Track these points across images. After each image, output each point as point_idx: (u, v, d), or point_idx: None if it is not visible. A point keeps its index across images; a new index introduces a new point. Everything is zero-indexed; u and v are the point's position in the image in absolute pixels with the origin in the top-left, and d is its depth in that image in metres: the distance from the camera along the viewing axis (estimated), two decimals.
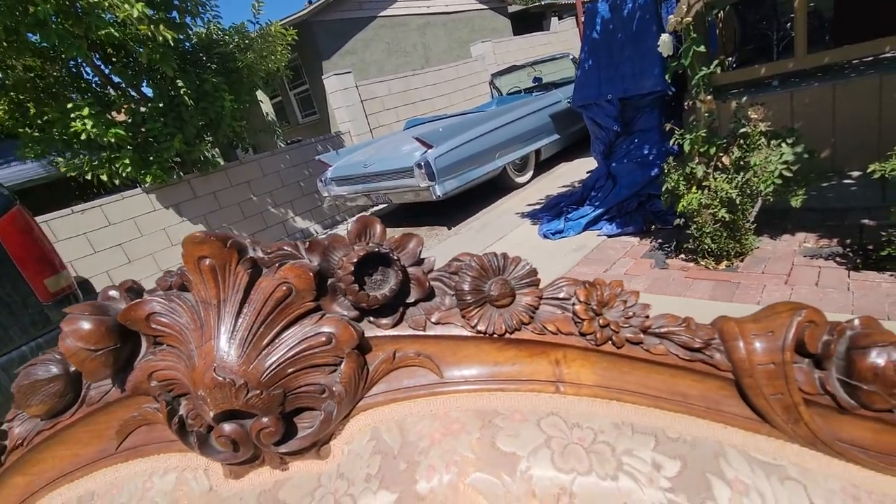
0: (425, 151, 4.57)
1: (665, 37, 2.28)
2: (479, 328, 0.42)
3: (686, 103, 2.60)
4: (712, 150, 2.61)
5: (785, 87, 3.45)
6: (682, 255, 3.05)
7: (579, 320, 0.41)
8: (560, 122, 5.85)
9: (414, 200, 5.04)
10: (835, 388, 0.40)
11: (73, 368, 0.47)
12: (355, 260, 0.40)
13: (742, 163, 2.59)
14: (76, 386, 0.48)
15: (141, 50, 4.17)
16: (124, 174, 4.65)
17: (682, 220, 2.94)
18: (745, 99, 3.38)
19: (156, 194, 5.11)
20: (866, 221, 2.76)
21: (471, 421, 0.41)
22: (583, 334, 0.41)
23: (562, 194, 4.65)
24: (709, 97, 2.52)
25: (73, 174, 4.63)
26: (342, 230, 6.28)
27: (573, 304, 0.41)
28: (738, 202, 2.65)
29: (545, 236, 3.87)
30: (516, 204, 5.04)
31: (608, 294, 0.42)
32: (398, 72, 8.65)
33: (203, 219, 5.40)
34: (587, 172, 4.57)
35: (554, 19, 12.92)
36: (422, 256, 0.44)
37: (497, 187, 5.66)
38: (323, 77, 6.91)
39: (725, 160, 2.66)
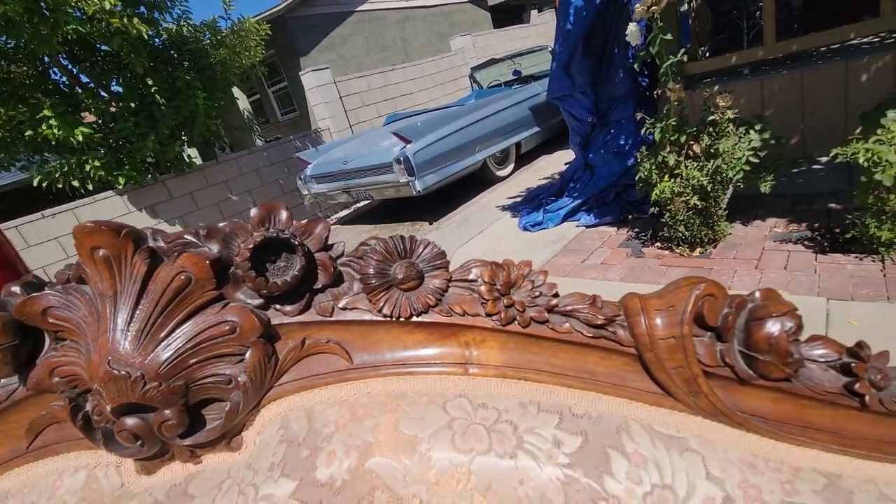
0: (404, 147, 4.55)
1: (632, 26, 2.29)
2: (385, 312, 0.41)
3: (655, 93, 2.62)
4: (683, 139, 2.64)
5: (756, 76, 3.50)
6: (658, 244, 3.09)
7: (484, 301, 0.41)
8: (540, 114, 5.86)
9: (395, 196, 5.02)
10: (735, 360, 0.40)
11: None
12: (252, 246, 0.39)
13: (712, 150, 2.62)
14: None
15: (107, 48, 4.08)
16: (96, 177, 4.54)
17: (657, 208, 2.98)
18: (716, 88, 3.42)
19: (129, 196, 5.01)
20: (833, 205, 2.81)
21: (378, 406, 0.41)
22: (488, 315, 0.41)
23: (541, 186, 4.67)
24: (678, 86, 2.54)
25: (44, 184, 4.50)
26: None
27: (479, 286, 0.41)
28: (709, 189, 2.68)
29: (525, 229, 3.88)
30: (497, 197, 5.05)
31: (515, 275, 0.42)
32: (377, 67, 8.58)
33: (180, 220, 5.31)
34: (565, 164, 4.59)
35: (534, 12, 12.92)
36: (330, 242, 0.44)
37: (478, 181, 5.66)
38: (300, 73, 6.83)
39: (696, 148, 2.69)
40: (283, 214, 0.43)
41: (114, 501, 0.43)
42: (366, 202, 6.35)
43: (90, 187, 4.68)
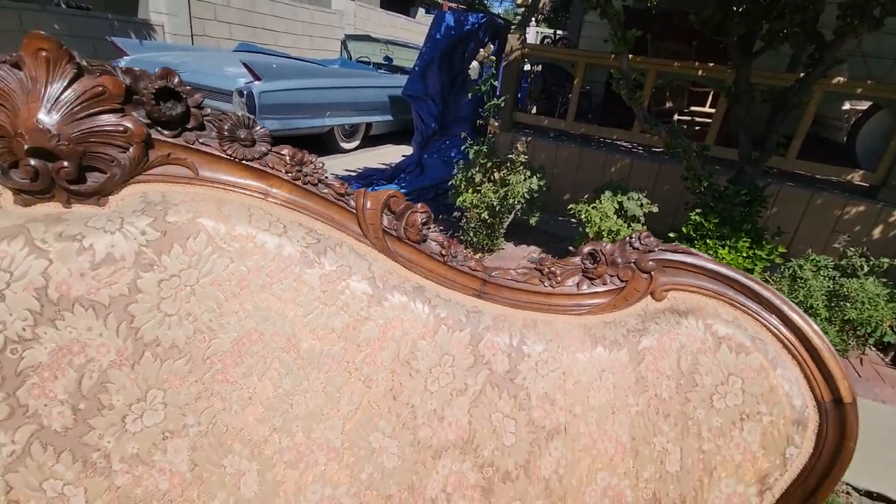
0: (252, 81, 4.47)
1: (475, 64, 2.96)
2: (228, 153, 0.77)
3: (478, 122, 3.36)
4: (489, 164, 3.44)
5: (556, 141, 4.66)
6: None
7: (285, 165, 0.80)
8: (397, 105, 6.37)
9: None
10: (399, 229, 0.89)
11: None
12: (159, 86, 0.70)
13: (506, 181, 3.48)
14: None
15: None
16: None
17: (460, 213, 3.74)
18: (528, 138, 4.45)
19: None
20: (570, 248, 3.99)
21: (207, 198, 0.76)
22: (287, 172, 0.80)
23: (378, 169, 5.15)
24: (496, 123, 3.35)
25: None
26: None
27: (286, 156, 0.80)
28: (497, 210, 3.54)
29: None
30: (333, 166, 5.32)
31: (307, 158, 0.82)
32: None
33: None
34: (403, 156, 5.19)
35: (422, 9, 13.61)
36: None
37: (322, 146, 5.83)
38: None
39: (496, 175, 3.53)
40: (177, 79, 0.74)
41: None
42: None
43: None
